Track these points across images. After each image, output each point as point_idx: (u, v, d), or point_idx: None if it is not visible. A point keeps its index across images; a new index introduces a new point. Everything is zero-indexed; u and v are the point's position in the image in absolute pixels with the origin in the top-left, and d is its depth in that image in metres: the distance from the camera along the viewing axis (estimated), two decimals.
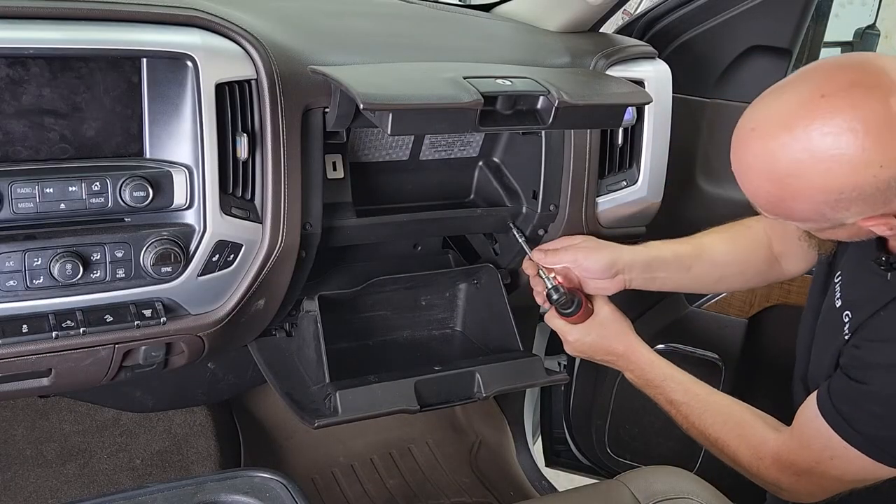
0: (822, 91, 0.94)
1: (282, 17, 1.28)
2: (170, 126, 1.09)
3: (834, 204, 0.95)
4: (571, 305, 1.35)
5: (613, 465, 1.92)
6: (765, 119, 0.98)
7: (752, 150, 0.98)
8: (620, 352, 1.35)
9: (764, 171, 0.98)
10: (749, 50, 1.62)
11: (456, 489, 1.87)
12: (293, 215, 1.17)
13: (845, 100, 0.92)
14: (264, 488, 1.01)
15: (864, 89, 0.92)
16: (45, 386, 1.15)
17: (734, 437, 1.24)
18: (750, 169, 1.00)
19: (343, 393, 1.23)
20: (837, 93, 0.93)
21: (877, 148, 0.91)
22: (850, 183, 0.93)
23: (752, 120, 0.99)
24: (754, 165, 0.99)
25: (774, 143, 0.96)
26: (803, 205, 0.97)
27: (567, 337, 1.38)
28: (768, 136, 0.96)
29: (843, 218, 0.98)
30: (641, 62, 1.47)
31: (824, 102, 0.93)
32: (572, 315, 1.35)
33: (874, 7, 2.08)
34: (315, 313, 1.32)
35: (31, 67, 1.02)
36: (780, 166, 0.96)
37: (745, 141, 0.99)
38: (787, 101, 0.96)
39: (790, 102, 0.96)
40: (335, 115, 1.18)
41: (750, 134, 0.99)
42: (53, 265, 1.04)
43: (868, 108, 0.91)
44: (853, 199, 0.94)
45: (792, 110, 0.95)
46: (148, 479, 1.76)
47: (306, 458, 1.88)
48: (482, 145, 1.48)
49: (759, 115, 0.99)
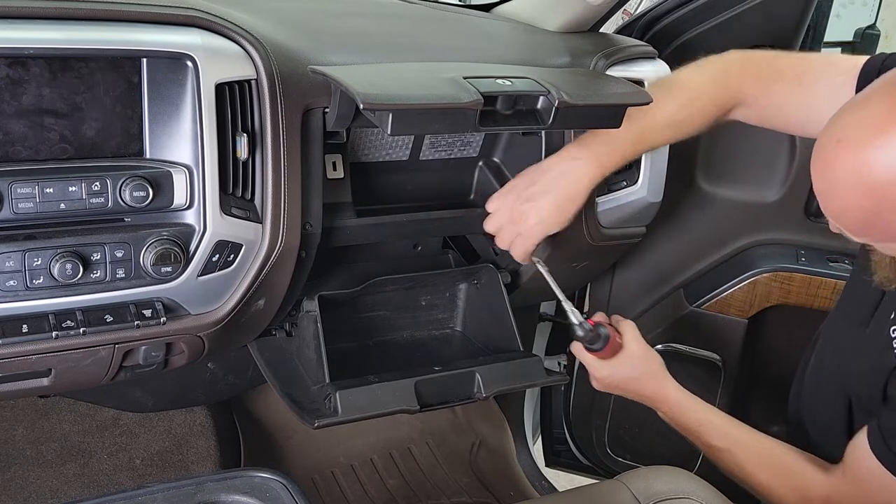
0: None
1: (282, 17, 1.28)
2: (170, 126, 1.09)
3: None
4: (598, 340, 1.31)
5: (613, 465, 1.92)
6: (854, 129, 0.91)
7: (842, 163, 0.91)
8: (649, 394, 1.32)
9: (858, 185, 0.90)
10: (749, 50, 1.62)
11: (456, 489, 1.87)
12: (293, 215, 1.17)
13: None
14: (264, 488, 1.01)
15: None
16: (45, 386, 1.15)
17: (780, 481, 1.19)
18: (840, 184, 0.92)
19: (343, 393, 1.23)
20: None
21: None
22: None
23: (838, 131, 0.92)
24: (845, 180, 0.91)
25: (867, 153, 0.88)
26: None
27: (595, 373, 1.35)
28: (860, 146, 0.89)
29: None
30: (641, 62, 1.47)
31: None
32: (599, 350, 1.32)
33: (874, 7, 2.08)
34: (315, 313, 1.32)
35: (31, 67, 1.02)
36: (875, 176, 0.88)
37: (833, 155, 0.92)
38: (876, 108, 0.90)
39: (879, 109, 0.89)
40: (335, 115, 1.18)
41: (837, 146, 0.91)
42: (53, 265, 1.04)
43: None
44: None
45: (882, 116, 0.89)
46: (148, 479, 1.76)
47: (306, 458, 1.88)
48: (482, 145, 1.48)
49: (845, 126, 0.92)
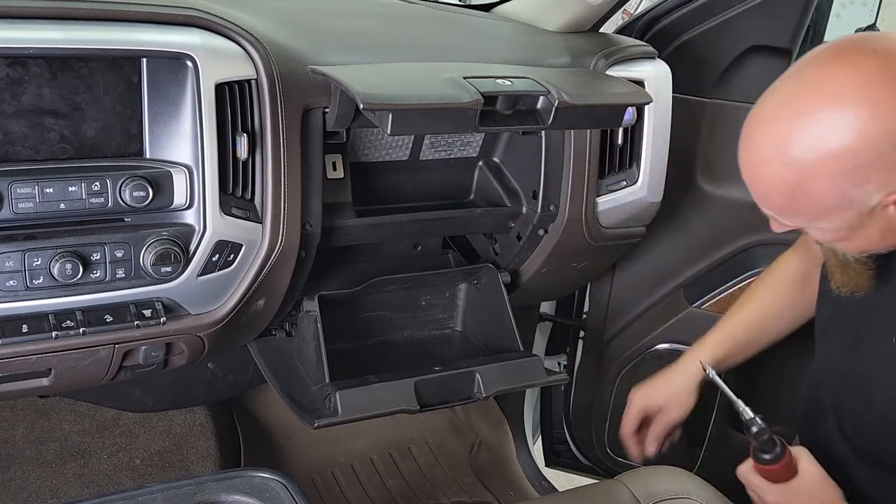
0: (819, 61, 0.94)
1: (282, 17, 1.28)
2: (170, 126, 1.09)
3: (853, 173, 0.90)
4: (774, 449, 1.16)
5: (613, 465, 1.92)
6: (770, 108, 0.96)
7: (761, 140, 0.96)
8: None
9: (776, 159, 0.94)
10: (749, 50, 1.62)
11: (456, 489, 1.87)
12: (293, 215, 1.17)
13: (844, 62, 0.91)
14: (264, 488, 1.01)
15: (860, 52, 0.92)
16: (45, 386, 1.15)
17: None
18: (761, 160, 0.96)
19: (343, 393, 1.23)
20: (833, 59, 0.93)
21: (882, 100, 0.88)
22: (863, 142, 0.89)
23: (757, 114, 0.97)
24: (765, 154, 0.96)
25: (781, 127, 0.94)
26: (821, 183, 0.92)
27: (765, 497, 1.19)
28: (771, 119, 0.95)
29: (866, 195, 0.92)
30: (641, 62, 1.47)
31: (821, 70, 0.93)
32: (771, 464, 1.17)
33: (874, 7, 2.08)
34: (315, 313, 1.32)
35: (31, 67, 1.02)
36: (790, 145, 0.93)
37: (753, 134, 0.97)
38: (788, 85, 0.95)
39: (791, 85, 0.95)
40: (335, 115, 1.18)
41: (757, 127, 0.97)
42: (53, 265, 1.04)
43: (868, 64, 0.90)
44: (871, 161, 0.89)
45: (794, 91, 0.94)
46: (148, 479, 1.76)
47: (306, 458, 1.88)
48: (482, 145, 1.48)
49: (763, 108, 0.97)
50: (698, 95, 1.66)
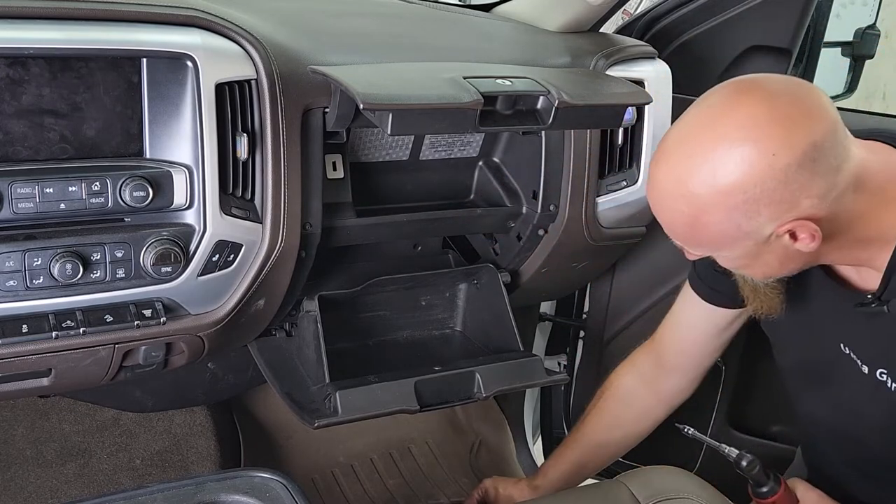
0: (710, 103, 0.99)
1: (282, 17, 1.28)
2: (170, 126, 1.09)
3: (744, 206, 0.95)
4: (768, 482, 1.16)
5: (613, 465, 1.91)
6: (668, 144, 1.01)
7: (662, 176, 1.00)
8: None
9: (675, 195, 0.99)
10: (749, 50, 1.62)
11: (456, 489, 1.87)
12: (293, 215, 1.17)
13: (728, 104, 0.97)
14: (264, 488, 1.01)
15: (745, 92, 0.97)
16: (45, 386, 1.15)
17: None
18: (662, 193, 1.01)
19: (343, 393, 1.23)
20: (722, 101, 0.98)
21: (765, 138, 0.93)
22: (750, 178, 0.93)
23: (659, 151, 1.02)
24: (665, 188, 1.00)
25: (677, 161, 0.98)
26: (716, 215, 0.97)
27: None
28: (671, 156, 0.99)
29: (760, 227, 0.96)
30: (641, 62, 1.47)
31: (713, 111, 0.98)
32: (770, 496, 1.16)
33: (874, 7, 2.08)
34: (315, 313, 1.32)
35: (31, 67, 1.02)
36: (688, 183, 0.97)
37: (656, 170, 1.02)
38: (684, 122, 1.01)
39: (687, 122, 1.00)
40: (335, 115, 1.18)
41: (660, 162, 1.01)
42: (53, 265, 1.04)
43: (750, 105, 0.95)
44: (759, 196, 0.94)
45: (688, 127, 1.00)
46: (148, 479, 1.76)
47: (306, 458, 1.88)
48: (482, 145, 1.48)
49: (664, 145, 1.02)
50: (698, 95, 1.66)
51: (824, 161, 0.93)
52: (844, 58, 2.06)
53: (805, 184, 0.93)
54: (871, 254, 1.01)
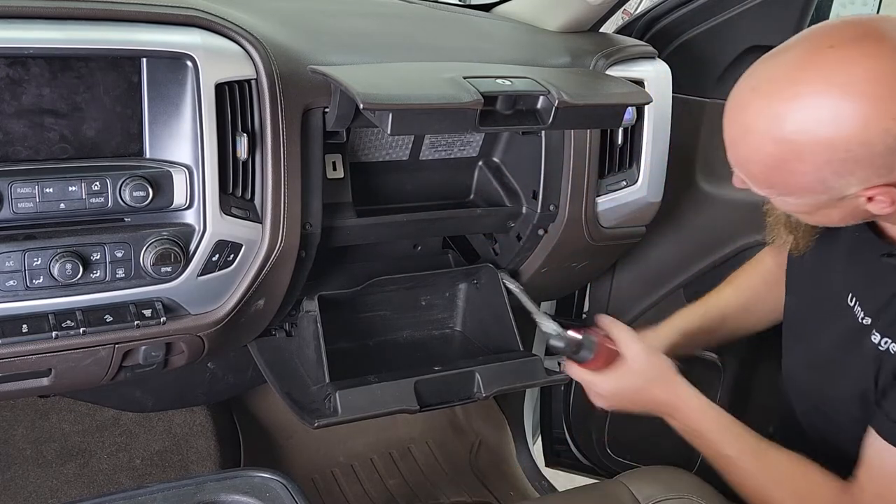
0: (831, 42, 0.88)
1: (282, 17, 1.28)
2: (170, 126, 1.09)
3: (839, 165, 0.88)
4: (582, 349, 1.17)
5: (613, 465, 1.92)
6: (768, 77, 0.91)
7: (754, 109, 0.91)
8: (663, 399, 1.19)
9: (767, 132, 0.90)
10: (749, 50, 1.62)
11: (456, 489, 1.87)
12: (293, 215, 1.17)
13: (856, 50, 0.86)
14: (264, 488, 1.01)
15: (875, 41, 0.86)
16: (45, 386, 1.15)
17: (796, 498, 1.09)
18: (750, 131, 0.92)
19: (343, 393, 1.23)
20: (847, 44, 0.87)
21: (889, 98, 0.85)
22: (859, 137, 0.86)
23: (753, 79, 0.93)
24: (755, 126, 0.92)
25: (779, 99, 0.89)
26: (806, 166, 0.90)
27: (597, 390, 1.20)
28: (772, 94, 0.90)
29: (845, 186, 0.91)
30: (641, 62, 1.47)
31: (833, 53, 0.87)
32: (589, 361, 1.18)
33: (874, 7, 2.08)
34: (315, 313, 1.32)
35: (31, 67, 1.02)
36: (785, 123, 0.89)
37: (746, 101, 0.93)
38: (792, 56, 0.90)
39: (795, 57, 0.90)
40: (335, 114, 1.18)
41: (751, 94, 0.92)
42: (53, 265, 1.04)
43: (881, 58, 0.85)
44: (860, 157, 0.87)
45: (798, 64, 0.89)
46: (148, 479, 1.76)
47: (306, 458, 1.88)
48: (482, 145, 1.48)
49: (761, 74, 0.93)
50: (698, 95, 1.66)
51: None
52: None
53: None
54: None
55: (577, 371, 1.22)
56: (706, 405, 1.18)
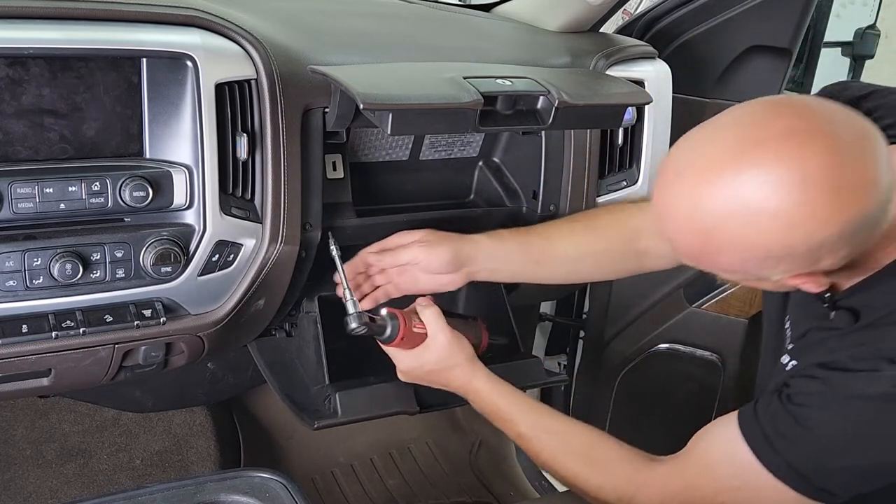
0: (755, 137, 0.84)
1: (282, 17, 1.28)
2: (170, 126, 1.09)
3: (761, 261, 0.87)
4: (382, 332, 1.20)
5: None
6: (691, 164, 0.88)
7: (677, 197, 0.89)
8: (458, 384, 1.23)
9: (688, 221, 0.88)
10: (749, 50, 1.62)
11: (456, 489, 1.87)
12: (293, 215, 1.17)
13: (778, 150, 0.82)
14: (264, 488, 1.01)
15: (802, 138, 0.82)
16: (45, 386, 1.15)
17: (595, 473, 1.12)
18: (673, 217, 0.90)
19: (343, 394, 1.23)
20: (772, 140, 0.83)
21: (813, 205, 0.82)
22: (780, 242, 0.84)
23: (678, 163, 0.89)
24: (678, 214, 0.89)
25: (700, 193, 0.86)
26: (728, 258, 0.89)
27: (398, 364, 1.25)
28: (694, 184, 0.86)
29: (770, 274, 0.90)
30: (641, 62, 1.47)
31: (756, 150, 0.83)
32: (388, 343, 1.21)
33: (874, 7, 2.09)
34: (315, 314, 1.32)
35: (31, 67, 1.02)
36: (705, 217, 0.86)
37: (669, 186, 0.90)
38: (717, 146, 0.86)
39: (719, 147, 0.86)
40: (335, 114, 1.18)
41: (675, 180, 0.89)
42: (53, 265, 1.04)
43: (804, 159, 0.82)
44: (782, 257, 0.86)
45: (721, 157, 0.85)
46: (148, 479, 1.76)
47: (306, 458, 1.88)
48: (482, 145, 1.48)
49: (685, 159, 0.89)
50: (698, 95, 1.66)
51: (863, 231, 0.85)
52: (844, 58, 2.06)
53: (835, 251, 0.85)
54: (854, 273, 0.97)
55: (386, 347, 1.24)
56: (500, 388, 1.21)
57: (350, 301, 1.19)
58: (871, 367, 0.93)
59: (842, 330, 0.98)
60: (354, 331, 1.18)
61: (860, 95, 1.05)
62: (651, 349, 1.78)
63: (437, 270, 1.25)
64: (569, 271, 1.32)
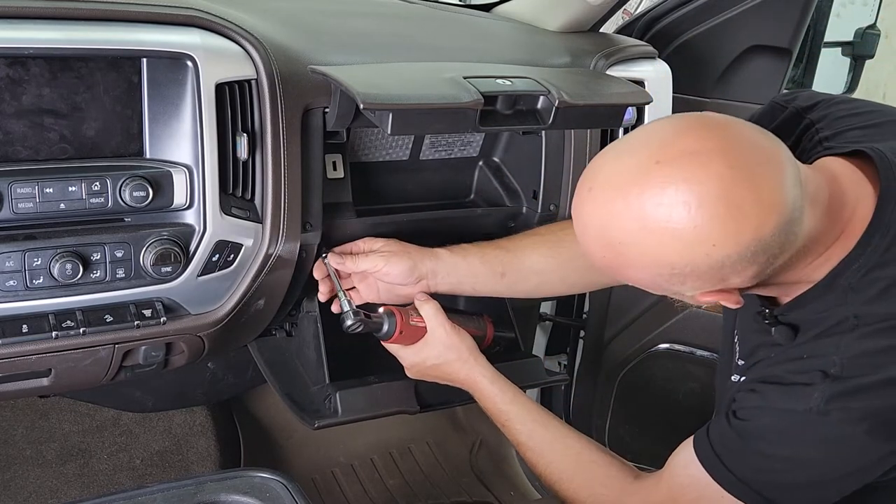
0: (658, 157, 0.86)
1: (282, 17, 1.28)
2: (170, 126, 1.09)
3: (668, 277, 0.89)
4: (379, 329, 1.21)
5: None
6: (602, 181, 0.91)
7: (588, 212, 0.92)
8: (461, 378, 1.24)
9: (599, 236, 0.91)
10: (749, 50, 1.62)
11: (456, 489, 1.87)
12: (293, 215, 1.17)
13: (679, 170, 0.85)
14: (264, 488, 1.01)
15: (700, 160, 0.85)
16: (45, 386, 1.15)
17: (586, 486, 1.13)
18: (586, 231, 0.93)
19: (343, 394, 1.23)
20: (672, 161, 0.85)
21: (710, 225, 0.84)
22: (682, 259, 0.86)
23: (590, 180, 0.92)
24: (589, 228, 0.92)
25: (608, 209, 0.89)
26: (638, 274, 0.92)
27: (402, 362, 1.26)
28: (603, 201, 0.90)
29: (680, 290, 0.92)
30: (641, 62, 1.47)
31: (658, 170, 0.86)
32: (387, 339, 1.22)
33: (874, 7, 2.08)
34: (315, 314, 1.32)
35: (31, 67, 1.02)
36: (613, 234, 0.89)
37: (583, 201, 0.93)
38: (624, 165, 0.89)
39: (626, 166, 0.89)
40: (335, 114, 1.18)
41: (587, 195, 0.92)
42: (53, 265, 1.04)
43: (702, 181, 0.84)
44: (687, 274, 0.88)
45: (627, 175, 0.88)
46: (148, 479, 1.76)
47: (306, 458, 1.88)
48: (482, 145, 1.48)
49: (597, 177, 0.92)
50: (698, 95, 1.66)
51: (767, 252, 0.87)
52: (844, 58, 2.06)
53: (740, 270, 0.87)
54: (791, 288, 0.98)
55: (387, 344, 1.25)
56: (501, 389, 1.22)
57: (345, 300, 1.20)
58: (806, 380, 0.94)
59: (783, 346, 0.99)
60: (350, 328, 1.19)
61: (806, 106, 1.07)
62: (651, 349, 1.78)
63: (394, 281, 1.25)
64: (536, 284, 1.32)
